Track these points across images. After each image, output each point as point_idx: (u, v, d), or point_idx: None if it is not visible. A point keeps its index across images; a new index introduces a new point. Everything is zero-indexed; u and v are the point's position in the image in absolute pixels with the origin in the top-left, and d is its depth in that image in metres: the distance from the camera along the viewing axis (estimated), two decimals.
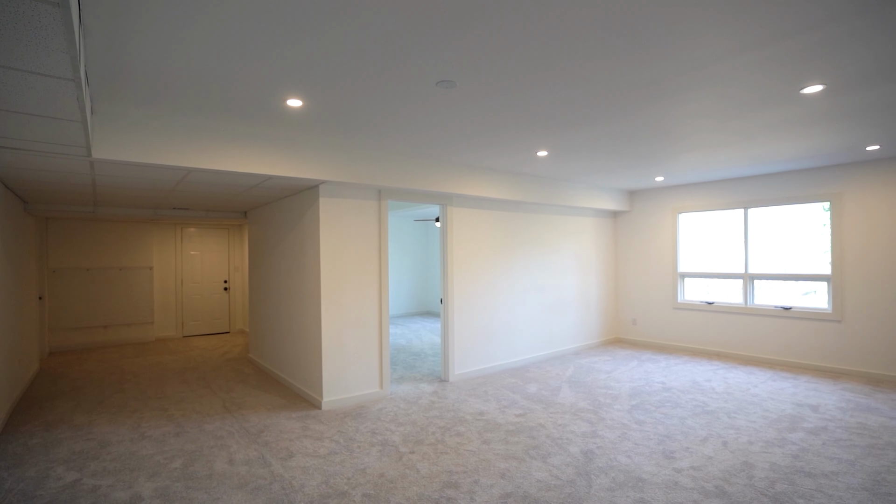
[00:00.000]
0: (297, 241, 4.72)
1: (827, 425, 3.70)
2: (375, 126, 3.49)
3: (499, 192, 5.33)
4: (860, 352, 5.14)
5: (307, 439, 3.53)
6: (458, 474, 2.95)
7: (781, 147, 4.35)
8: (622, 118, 3.37)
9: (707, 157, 4.74)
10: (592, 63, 2.41)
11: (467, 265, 5.36)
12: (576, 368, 5.63)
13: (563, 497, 2.66)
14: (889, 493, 2.66)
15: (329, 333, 4.29)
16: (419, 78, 2.58)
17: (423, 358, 6.36)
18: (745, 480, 2.83)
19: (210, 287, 8.51)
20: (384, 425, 3.81)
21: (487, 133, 3.74)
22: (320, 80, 2.59)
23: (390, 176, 4.39)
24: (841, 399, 4.34)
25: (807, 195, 5.52)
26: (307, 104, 2.97)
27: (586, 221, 6.92)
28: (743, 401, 4.33)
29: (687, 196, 6.60)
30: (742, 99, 2.99)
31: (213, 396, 4.66)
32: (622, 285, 7.35)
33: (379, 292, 4.63)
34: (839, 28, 2.07)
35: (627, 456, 3.19)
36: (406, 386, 4.96)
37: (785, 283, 5.78)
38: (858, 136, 3.98)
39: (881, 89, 2.85)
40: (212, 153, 3.41)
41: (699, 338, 6.45)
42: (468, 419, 3.94)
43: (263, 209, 5.81)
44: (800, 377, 5.11)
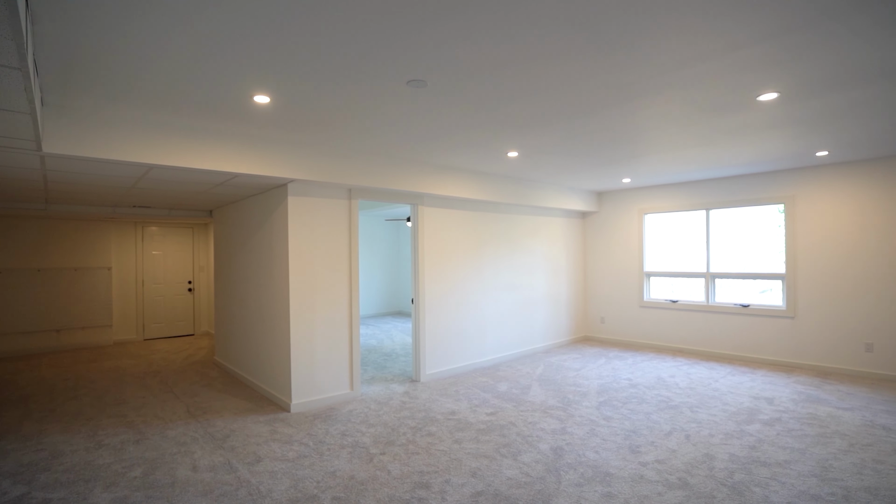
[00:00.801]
0: (266, 241, 4.62)
1: (781, 416, 3.88)
2: (345, 124, 3.45)
3: (470, 192, 5.36)
4: (811, 346, 5.42)
5: (275, 443, 3.46)
6: (430, 474, 2.95)
7: (740, 151, 4.54)
8: (590, 120, 3.44)
9: (671, 159, 4.89)
10: (561, 65, 2.45)
11: (439, 265, 5.36)
12: (546, 367, 5.71)
13: (533, 494, 2.70)
14: (835, 479, 2.81)
15: (298, 334, 4.21)
16: (390, 76, 2.56)
17: (394, 358, 6.32)
18: (706, 472, 2.94)
19: (173, 288, 8.22)
20: (355, 427, 3.77)
21: (459, 133, 3.75)
22: (288, 77, 2.54)
23: (361, 175, 4.34)
24: (794, 391, 4.56)
25: (763, 197, 5.78)
26: (275, 101, 2.91)
27: (556, 222, 7.03)
28: (705, 395, 4.49)
29: (652, 197, 6.79)
30: (703, 104, 3.10)
31: (176, 401, 4.50)
32: (591, 284, 7.51)
33: (349, 292, 4.57)
34: (792, 40, 2.17)
35: (595, 451, 3.26)
36: (377, 387, 4.92)
37: (744, 281, 6.03)
38: (809, 142, 4.19)
39: (829, 99, 3.01)
40: (175, 149, 3.30)
41: (664, 335, 6.65)
42: (439, 419, 3.94)
43: (230, 208, 5.65)
44: (757, 371, 5.34)
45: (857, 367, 5.13)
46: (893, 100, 3.07)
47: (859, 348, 5.11)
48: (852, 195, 5.16)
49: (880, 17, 1.99)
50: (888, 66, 2.51)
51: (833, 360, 5.28)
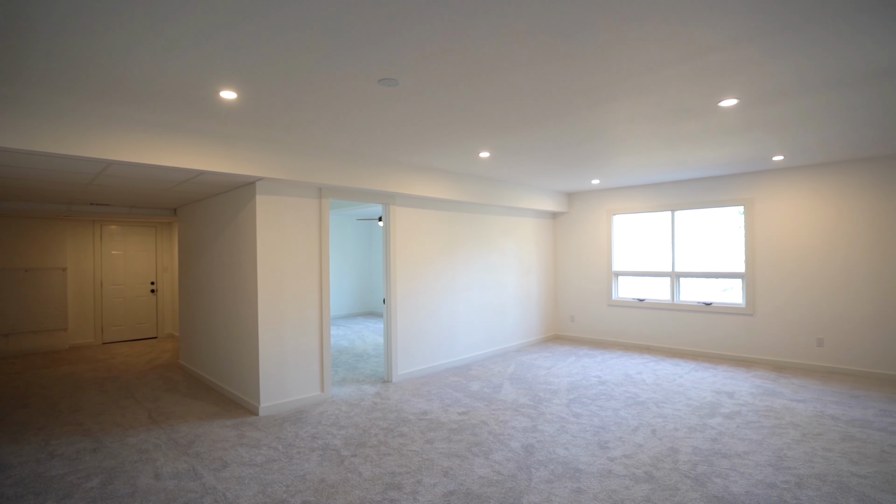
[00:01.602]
0: (233, 240, 4.50)
1: (740, 410, 4.04)
2: (316, 122, 3.39)
3: (442, 192, 5.36)
4: (768, 342, 5.67)
5: (243, 447, 3.37)
6: (401, 475, 2.93)
7: (703, 154, 4.70)
8: (560, 122, 3.49)
9: (638, 161, 5.02)
10: (531, 68, 2.48)
11: (411, 265, 5.34)
12: (517, 365, 5.77)
13: (505, 491, 2.72)
14: (789, 467, 2.95)
15: (267, 336, 4.12)
16: (361, 74, 2.53)
17: (365, 359, 6.27)
18: (670, 465, 3.03)
19: (135, 289, 7.90)
20: (325, 429, 3.72)
21: (430, 133, 3.74)
22: (256, 72, 2.48)
23: (332, 174, 4.28)
24: (752, 385, 4.75)
25: (725, 199, 6.00)
26: (242, 97, 2.83)
27: (527, 222, 7.12)
28: (670, 391, 4.63)
29: (620, 198, 6.96)
30: (668, 108, 3.19)
31: (137, 407, 4.33)
32: (561, 284, 7.63)
33: (320, 293, 4.50)
34: (751, 49, 2.26)
35: (565, 448, 3.31)
36: (348, 388, 4.86)
37: (706, 280, 6.25)
38: (766, 147, 4.38)
39: (784, 106, 3.15)
40: (136, 145, 3.17)
41: (632, 333, 6.82)
42: (411, 419, 3.92)
43: (195, 206, 5.47)
44: (719, 367, 5.55)
45: (809, 361, 5.39)
46: (842, 108, 3.24)
47: (811, 343, 5.38)
48: (805, 198, 5.42)
49: (830, 31, 2.09)
50: (836, 76, 2.64)
51: (788, 355, 5.53)
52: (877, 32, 2.13)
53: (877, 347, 5.00)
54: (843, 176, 5.18)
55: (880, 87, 2.85)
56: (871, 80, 2.73)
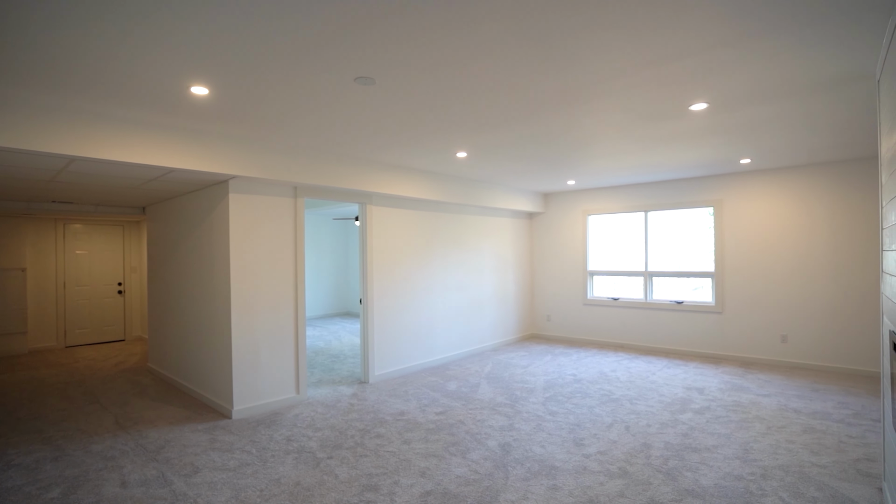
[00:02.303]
0: (205, 240, 4.38)
1: (710, 405, 4.16)
2: (291, 120, 3.34)
3: (419, 191, 5.35)
4: (736, 339, 5.85)
5: (215, 452, 3.29)
6: (378, 476, 2.91)
7: (675, 157, 4.82)
8: (536, 123, 3.53)
9: (612, 163, 5.12)
10: (509, 69, 2.49)
11: (387, 265, 5.31)
12: (494, 364, 5.80)
13: (482, 490, 2.73)
14: (755, 460, 3.05)
15: (240, 337, 4.03)
16: (336, 72, 2.50)
17: (342, 360, 6.20)
18: (643, 460, 3.09)
19: (101, 290, 7.62)
20: (301, 431, 3.66)
21: (407, 132, 3.73)
22: (229, 68, 2.42)
23: (307, 172, 4.22)
24: (721, 381, 4.90)
25: (695, 201, 6.17)
26: (215, 93, 2.76)
27: (504, 222, 7.16)
28: (643, 388, 4.73)
29: (595, 199, 7.08)
30: (641, 111, 3.26)
31: (103, 412, 4.17)
32: (538, 283, 7.71)
33: (295, 293, 4.43)
34: (720, 55, 2.33)
35: (542, 446, 3.35)
36: (324, 389, 4.80)
37: (678, 279, 6.41)
38: (734, 150, 4.52)
39: (750, 111, 3.26)
40: (102, 141, 3.05)
41: (606, 331, 6.95)
42: (388, 420, 3.90)
43: (165, 204, 5.31)
44: (690, 364, 5.70)
45: (774, 356, 5.59)
46: (802, 115, 3.37)
47: (776, 340, 5.58)
48: (770, 200, 5.62)
49: (790, 41, 2.17)
50: (796, 85, 2.75)
51: (754, 352, 5.73)
52: (831, 45, 2.23)
53: (836, 343, 5.22)
54: (805, 179, 5.39)
55: (835, 96, 2.98)
56: (827, 89, 2.85)
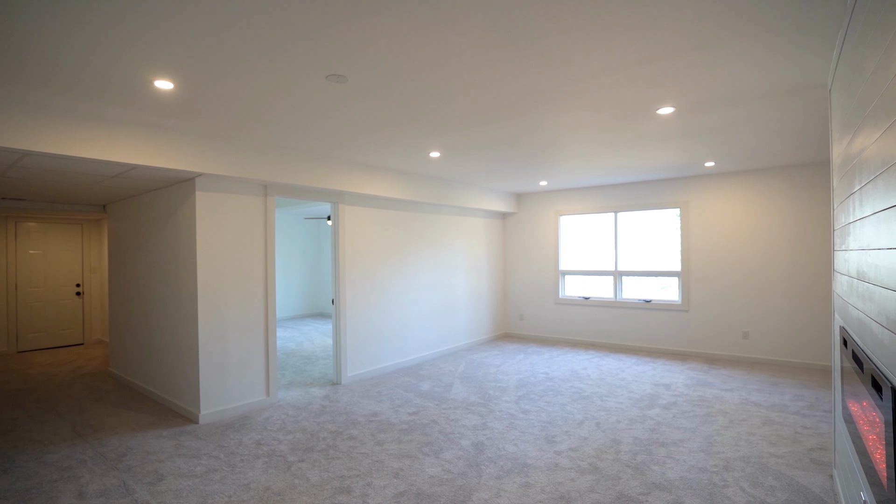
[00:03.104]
0: (170, 239, 4.24)
1: (676, 400, 4.29)
2: (260, 117, 3.26)
3: (392, 191, 5.32)
4: (701, 336, 6.05)
5: (181, 458, 3.19)
6: (351, 479, 2.88)
7: (643, 159, 4.95)
8: (508, 124, 3.56)
9: (583, 164, 5.21)
10: (481, 68, 2.50)
11: (360, 265, 5.26)
12: (467, 364, 5.83)
13: (455, 490, 2.73)
14: (718, 452, 3.16)
15: (207, 340, 3.92)
16: (307, 69, 2.46)
17: (314, 361, 6.11)
18: (613, 455, 3.16)
19: (57, 292, 7.27)
20: (271, 434, 3.58)
21: (380, 131, 3.70)
22: (195, 62, 2.34)
23: (278, 171, 4.14)
24: (687, 377, 5.06)
25: (663, 202, 6.35)
26: (180, 88, 2.67)
27: (477, 222, 7.20)
28: (613, 385, 4.84)
29: (567, 200, 7.20)
30: (611, 114, 3.33)
31: (59, 420, 3.98)
32: (510, 283, 7.79)
33: (265, 294, 4.34)
34: (686, 60, 2.40)
35: (514, 444, 3.38)
36: (296, 391, 4.72)
37: (647, 278, 6.59)
38: (699, 153, 4.68)
39: (714, 116, 3.38)
40: (58, 135, 2.91)
41: (578, 330, 7.07)
42: (361, 421, 3.86)
43: (128, 202, 5.11)
44: (658, 360, 5.86)
45: (736, 352, 5.81)
46: (763, 120, 3.51)
47: (738, 336, 5.80)
48: (733, 202, 5.84)
49: (751, 49, 2.26)
50: (757, 91, 2.86)
51: (718, 348, 5.94)
52: (787, 55, 2.33)
53: (793, 339, 5.47)
54: (764, 182, 5.62)
55: (791, 104, 3.12)
56: (784, 97, 2.98)
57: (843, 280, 2.14)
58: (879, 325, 1.40)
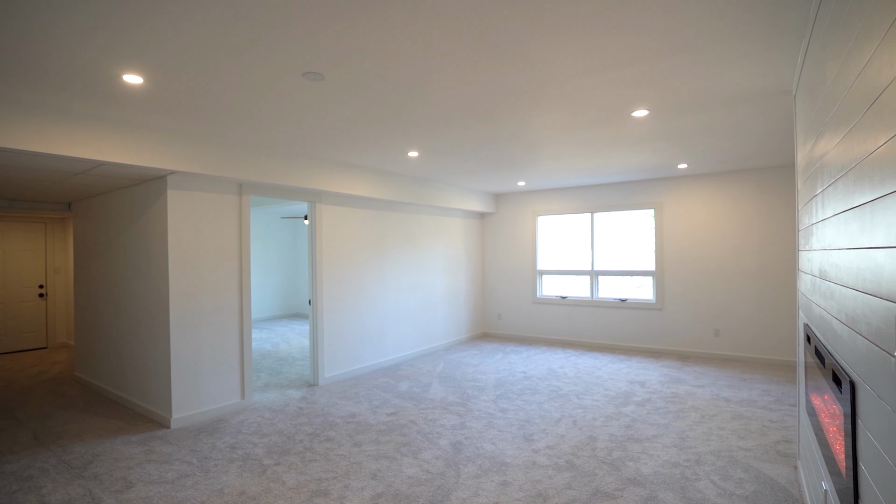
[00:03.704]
0: (141, 238, 4.11)
1: (650, 397, 4.38)
2: (235, 114, 3.20)
3: (371, 190, 5.28)
4: (675, 334, 6.20)
5: (151, 464, 3.09)
6: (328, 481, 2.85)
7: (618, 160, 5.04)
8: (487, 124, 3.58)
9: (560, 165, 5.28)
10: (459, 68, 2.51)
11: (338, 264, 5.21)
12: (446, 364, 5.83)
13: (434, 490, 2.73)
14: (690, 447, 3.25)
15: (180, 342, 3.82)
16: (284, 66, 2.42)
17: (290, 363, 6.02)
18: (589, 452, 3.21)
19: (18, 293, 6.97)
20: (246, 438, 3.52)
21: (358, 130, 3.67)
22: (165, 57, 2.28)
23: (253, 169, 4.06)
24: (661, 374, 5.18)
25: (638, 203, 6.48)
26: (150, 82, 2.60)
27: (456, 222, 7.22)
28: (590, 383, 4.91)
29: (545, 200, 7.28)
30: (587, 116, 3.38)
31: (19, 428, 3.82)
32: (489, 282, 7.83)
33: (240, 294, 4.25)
34: (660, 65, 2.46)
35: (492, 443, 3.40)
36: (272, 393, 4.64)
37: (622, 278, 6.71)
38: (673, 155, 4.79)
39: (686, 119, 3.47)
40: (19, 130, 2.79)
41: (555, 329, 7.16)
42: (339, 423, 3.83)
43: (95, 201, 4.94)
44: (633, 358, 5.98)
45: (708, 350, 5.98)
46: (731, 125, 3.62)
47: (710, 334, 5.96)
48: (705, 203, 6.00)
49: (719, 56, 2.33)
50: (725, 96, 2.95)
51: (691, 345, 6.09)
52: (754, 61, 2.41)
53: (761, 336, 5.65)
54: (735, 184, 5.80)
55: (759, 109, 3.22)
56: (752, 102, 3.08)
57: (807, 279, 2.22)
58: (839, 322, 1.45)
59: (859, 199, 1.21)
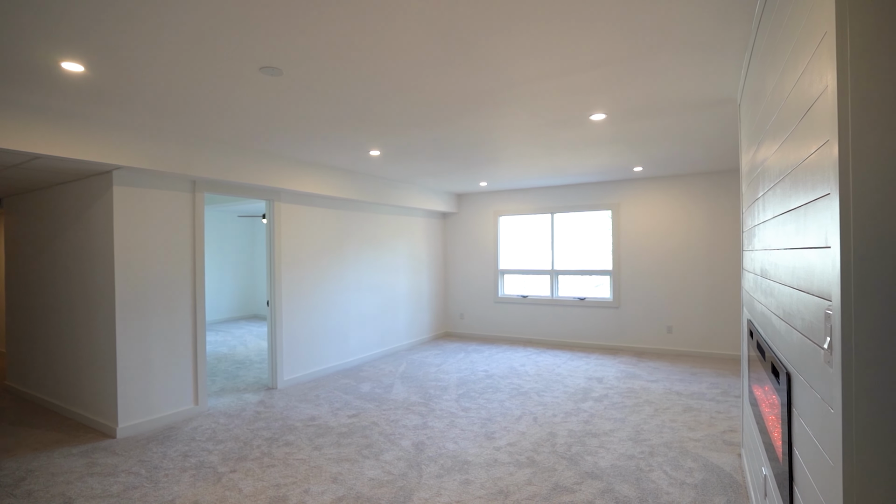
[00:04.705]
0: (83, 237, 3.88)
1: (608, 393, 4.52)
2: (189, 108, 3.06)
3: (332, 189, 5.19)
4: (631, 331, 6.43)
5: (94, 477, 2.92)
6: (287, 486, 2.78)
7: (577, 163, 5.18)
8: (449, 125, 3.59)
9: (521, 166, 5.37)
10: (421, 69, 2.50)
11: (297, 264, 5.09)
12: (408, 364, 5.81)
13: (395, 491, 2.72)
14: (644, 440, 3.37)
15: (127, 347, 3.62)
16: (240, 60, 2.34)
17: (247, 366, 5.83)
18: (549, 448, 3.28)
19: None
20: (200, 445, 3.38)
21: (318, 128, 3.60)
22: (109, 43, 2.16)
23: (208, 165, 3.91)
24: (618, 371, 5.36)
25: (596, 204, 6.68)
26: (93, 71, 2.45)
27: (419, 222, 7.20)
28: (550, 380, 5.02)
29: (506, 201, 7.38)
30: (547, 118, 3.45)
31: None
32: (451, 282, 7.86)
33: (193, 296, 4.08)
34: (617, 70, 2.54)
35: (455, 442, 3.41)
36: (228, 398, 4.48)
37: (581, 277, 6.89)
38: (629, 158, 4.97)
39: (641, 124, 3.60)
40: None
41: (516, 327, 7.27)
42: (298, 426, 3.74)
43: (30, 196, 4.61)
44: (591, 355, 6.15)
45: (662, 346, 6.23)
46: (684, 130, 3.79)
47: (663, 331, 6.22)
48: (659, 205, 6.25)
49: (673, 62, 2.43)
50: (676, 103, 3.08)
51: (646, 342, 6.33)
52: (705, 70, 2.53)
53: (710, 332, 5.94)
54: (686, 187, 6.07)
55: (707, 116, 3.39)
56: (701, 109, 3.24)
57: (750, 277, 2.35)
58: (777, 318, 1.55)
59: (795, 202, 1.29)
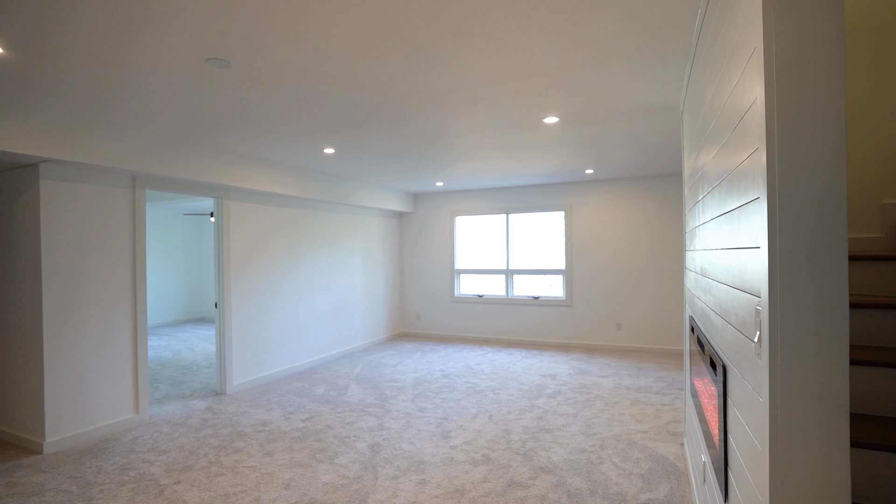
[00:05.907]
0: (4, 236, 3.56)
1: (561, 389, 4.65)
2: (127, 98, 2.88)
3: (284, 187, 5.04)
4: (583, 328, 6.64)
5: (15, 498, 2.69)
6: (236, 496, 2.67)
7: (532, 164, 5.29)
8: (405, 124, 3.57)
9: (477, 167, 5.42)
10: (375, 64, 2.48)
11: (248, 265, 4.91)
12: (364, 365, 5.74)
13: (350, 494, 2.67)
14: (595, 433, 3.50)
15: (55, 354, 3.36)
16: (183, 50, 2.23)
17: (194, 371, 5.56)
18: (504, 445, 3.33)
19: None
20: (140, 456, 3.19)
21: (269, 123, 3.49)
22: (32, 22, 1.99)
23: (150, 160, 3.69)
24: (570, 367, 5.52)
25: (550, 205, 6.85)
26: (13, 54, 2.26)
27: (374, 221, 7.13)
28: (505, 378, 5.10)
29: (462, 201, 7.43)
30: (503, 120, 3.50)
31: None
32: (407, 282, 7.83)
33: (133, 299, 3.84)
34: (566, 75, 2.61)
35: (411, 442, 3.40)
36: (172, 405, 4.25)
37: (535, 276, 7.05)
38: (580, 161, 5.12)
39: (591, 128, 3.72)
40: None
41: (472, 327, 7.34)
42: (248, 432, 3.61)
43: None
44: (545, 353, 6.30)
45: (611, 342, 6.48)
46: (631, 135, 3.95)
47: (613, 328, 6.47)
48: (608, 207, 6.49)
49: (620, 70, 2.53)
50: (626, 108, 3.21)
51: (597, 339, 6.56)
52: (651, 78, 2.65)
53: (656, 328, 6.24)
54: (635, 189, 6.34)
55: (653, 122, 3.56)
56: (647, 116, 3.39)
57: (692, 276, 2.48)
58: (715, 314, 1.64)
59: (730, 205, 1.37)
